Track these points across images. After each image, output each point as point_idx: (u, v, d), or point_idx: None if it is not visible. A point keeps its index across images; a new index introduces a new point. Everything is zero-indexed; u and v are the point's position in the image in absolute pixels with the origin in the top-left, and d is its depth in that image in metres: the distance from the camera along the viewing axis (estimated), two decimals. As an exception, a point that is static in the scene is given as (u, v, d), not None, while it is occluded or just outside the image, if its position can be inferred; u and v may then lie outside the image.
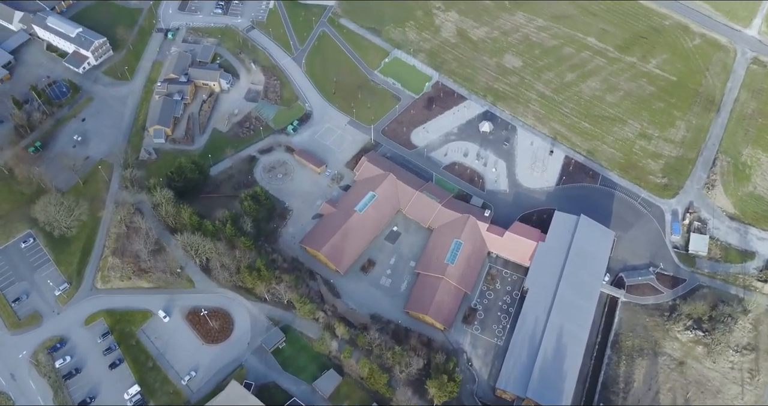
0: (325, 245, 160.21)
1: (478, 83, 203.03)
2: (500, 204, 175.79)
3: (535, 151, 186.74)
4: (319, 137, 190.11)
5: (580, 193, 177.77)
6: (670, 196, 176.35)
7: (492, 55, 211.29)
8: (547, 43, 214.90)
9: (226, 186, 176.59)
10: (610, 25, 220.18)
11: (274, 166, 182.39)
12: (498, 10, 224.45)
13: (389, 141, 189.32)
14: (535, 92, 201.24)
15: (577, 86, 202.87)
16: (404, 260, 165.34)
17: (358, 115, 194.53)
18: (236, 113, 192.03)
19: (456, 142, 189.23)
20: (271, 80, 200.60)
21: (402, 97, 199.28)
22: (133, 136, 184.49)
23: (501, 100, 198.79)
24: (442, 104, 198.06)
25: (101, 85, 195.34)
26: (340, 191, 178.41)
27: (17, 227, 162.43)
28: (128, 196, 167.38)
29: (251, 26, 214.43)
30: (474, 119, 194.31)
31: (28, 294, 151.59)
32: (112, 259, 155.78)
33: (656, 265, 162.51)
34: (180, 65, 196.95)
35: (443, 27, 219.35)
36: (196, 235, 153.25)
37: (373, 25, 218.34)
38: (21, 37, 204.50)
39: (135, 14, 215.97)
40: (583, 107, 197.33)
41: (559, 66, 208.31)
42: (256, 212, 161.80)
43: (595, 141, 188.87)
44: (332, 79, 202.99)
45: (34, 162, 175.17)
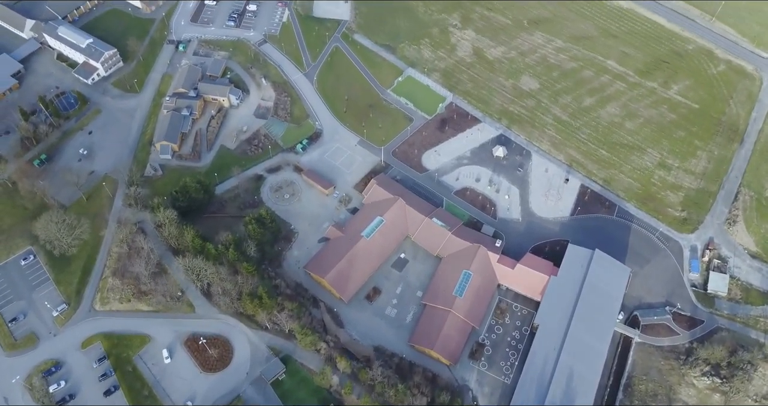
0: (329, 271, 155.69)
1: (493, 105, 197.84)
2: (512, 233, 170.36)
3: (549, 179, 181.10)
4: (329, 157, 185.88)
5: (596, 224, 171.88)
6: (689, 231, 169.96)
7: (508, 76, 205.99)
8: (565, 66, 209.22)
9: (232, 206, 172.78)
10: (631, 48, 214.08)
11: (282, 186, 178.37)
12: (516, 30, 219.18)
13: (400, 163, 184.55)
14: (552, 116, 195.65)
15: (596, 111, 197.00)
16: (411, 289, 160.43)
17: (369, 135, 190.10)
18: (245, 130, 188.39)
19: (468, 167, 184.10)
20: (282, 96, 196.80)
21: (414, 118, 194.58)
22: (140, 151, 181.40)
23: (516, 124, 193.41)
24: (456, 126, 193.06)
25: (110, 97, 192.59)
26: (347, 214, 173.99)
27: (18, 243, 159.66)
28: (131, 215, 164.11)
29: (263, 40, 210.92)
30: (488, 143, 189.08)
31: (25, 314, 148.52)
32: (112, 280, 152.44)
33: (673, 304, 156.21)
34: (190, 79, 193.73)
35: (459, 45, 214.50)
36: (198, 258, 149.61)
37: (387, 41, 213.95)
38: (32, 45, 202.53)
39: (147, 25, 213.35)
40: (600, 134, 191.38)
41: (577, 90, 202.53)
42: (261, 235, 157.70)
43: (612, 170, 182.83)
44: (344, 97, 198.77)
45: (39, 175, 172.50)
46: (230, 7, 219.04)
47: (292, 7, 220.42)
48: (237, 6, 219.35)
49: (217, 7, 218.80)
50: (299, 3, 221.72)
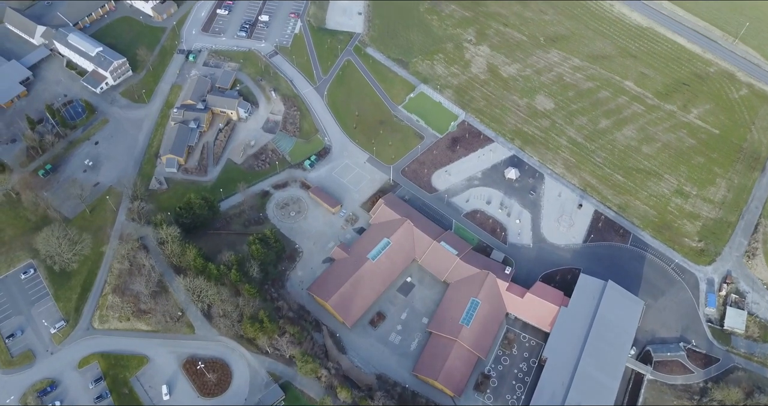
0: (333, 295, 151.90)
1: (506, 125, 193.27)
2: (522, 259, 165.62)
3: (562, 204, 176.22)
4: (337, 174, 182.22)
5: (609, 252, 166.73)
6: (706, 262, 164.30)
7: (523, 94, 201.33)
8: (581, 85, 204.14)
9: (237, 222, 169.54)
10: (650, 69, 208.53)
11: (288, 203, 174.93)
12: (532, 47, 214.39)
13: (409, 183, 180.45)
14: (566, 138, 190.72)
15: (612, 134, 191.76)
16: (416, 316, 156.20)
17: (379, 152, 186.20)
18: (252, 145, 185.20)
19: (479, 188, 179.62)
20: (291, 110, 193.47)
21: (425, 136, 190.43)
22: (145, 163, 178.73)
23: (529, 145, 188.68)
24: (467, 146, 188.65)
25: (118, 107, 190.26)
26: (354, 234, 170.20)
27: (19, 256, 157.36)
28: (134, 230, 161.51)
29: (274, 52, 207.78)
30: (500, 164, 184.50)
31: (23, 330, 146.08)
32: (112, 297, 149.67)
33: (687, 340, 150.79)
34: (198, 91, 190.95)
35: (473, 62, 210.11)
36: (199, 278, 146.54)
37: (400, 56, 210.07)
38: (42, 52, 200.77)
39: (158, 33, 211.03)
40: (616, 158, 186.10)
41: (593, 111, 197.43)
42: (264, 255, 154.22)
43: (627, 196, 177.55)
44: (354, 113, 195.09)
45: (43, 186, 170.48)
46: (242, 17, 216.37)
47: (304, 19, 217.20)
48: (249, 16, 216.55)
49: (229, 16, 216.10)
50: (312, 14, 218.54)
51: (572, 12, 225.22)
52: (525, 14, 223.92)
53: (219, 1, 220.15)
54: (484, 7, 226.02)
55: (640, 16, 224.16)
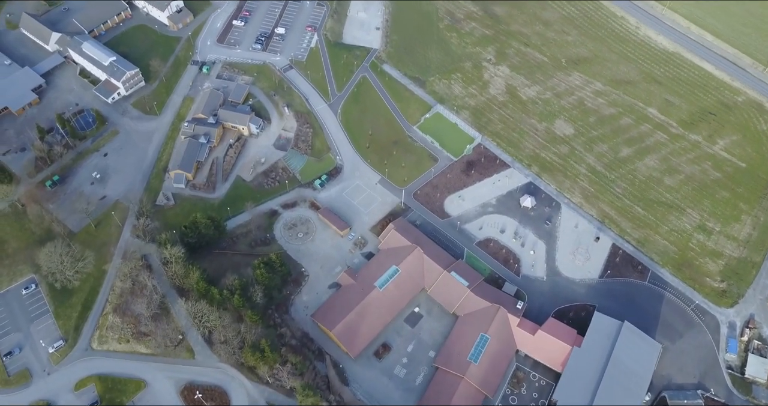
0: (337, 324, 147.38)
1: (523, 150, 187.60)
2: (535, 293, 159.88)
3: (579, 235, 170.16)
4: (347, 195, 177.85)
5: (626, 289, 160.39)
6: (728, 304, 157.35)
7: (542, 118, 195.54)
8: (603, 111, 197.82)
9: (243, 242, 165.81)
10: (675, 97, 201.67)
11: (296, 224, 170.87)
12: (553, 69, 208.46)
13: (420, 207, 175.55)
14: (586, 166, 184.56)
15: (633, 163, 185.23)
16: (423, 348, 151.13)
17: (391, 174, 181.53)
18: (263, 162, 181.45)
19: (493, 216, 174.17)
20: (304, 128, 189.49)
21: (439, 158, 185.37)
22: (153, 177, 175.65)
23: (547, 172, 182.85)
24: (482, 171, 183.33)
25: (128, 118, 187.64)
26: (361, 259, 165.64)
27: (21, 270, 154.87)
28: (139, 247, 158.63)
29: (289, 66, 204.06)
30: (515, 191, 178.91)
31: (21, 348, 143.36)
32: (112, 317, 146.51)
33: (706, 387, 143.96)
34: (210, 104, 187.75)
35: (492, 82, 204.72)
36: (201, 302, 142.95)
37: (417, 74, 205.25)
38: (55, 59, 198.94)
39: (173, 43, 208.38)
40: (637, 189, 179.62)
41: (614, 138, 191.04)
42: (269, 279, 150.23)
43: (647, 230, 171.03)
44: (368, 132, 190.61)
45: (50, 198, 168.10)
46: (258, 29, 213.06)
47: (321, 33, 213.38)
48: (265, 28, 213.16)
49: (244, 28, 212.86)
50: (329, 28, 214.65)
51: (596, 34, 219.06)
52: (547, 34, 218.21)
53: (235, 12, 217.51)
54: (505, 26, 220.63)
55: (666, 41, 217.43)
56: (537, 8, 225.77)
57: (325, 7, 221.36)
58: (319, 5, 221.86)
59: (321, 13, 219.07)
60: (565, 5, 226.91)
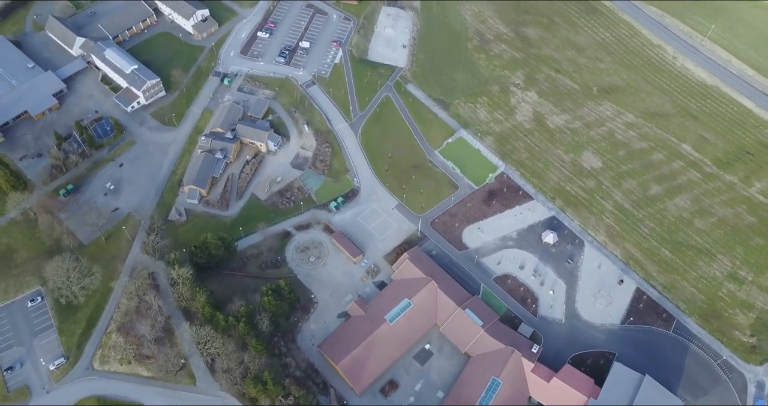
0: (344, 357, 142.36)
1: (548, 182, 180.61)
2: (552, 336, 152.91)
3: (601, 277, 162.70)
4: (363, 219, 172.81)
5: (648, 338, 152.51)
6: (757, 362, 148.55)
7: (569, 149, 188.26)
8: (634, 145, 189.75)
9: (253, 264, 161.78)
10: (711, 133, 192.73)
11: (308, 247, 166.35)
12: (583, 97, 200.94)
13: (438, 236, 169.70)
14: (612, 202, 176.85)
15: (663, 202, 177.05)
16: (432, 388, 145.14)
17: (409, 200, 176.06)
18: (279, 181, 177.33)
19: (513, 250, 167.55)
20: (323, 147, 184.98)
21: (460, 186, 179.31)
22: (167, 191, 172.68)
23: (571, 206, 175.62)
24: (504, 201, 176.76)
25: (146, 129, 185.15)
26: (373, 288, 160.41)
27: (29, 281, 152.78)
28: (148, 263, 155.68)
29: (312, 81, 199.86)
30: (537, 225, 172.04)
31: (22, 363, 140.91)
32: (116, 336, 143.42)
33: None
34: (229, 119, 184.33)
35: (519, 108, 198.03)
36: (206, 328, 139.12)
37: (442, 95, 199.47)
38: (78, 64, 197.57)
39: (196, 52, 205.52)
40: (665, 230, 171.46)
41: (644, 174, 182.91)
42: (277, 307, 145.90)
43: (674, 275, 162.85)
44: (387, 154, 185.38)
45: (62, 207, 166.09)
46: (282, 42, 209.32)
47: (346, 48, 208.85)
48: (290, 42, 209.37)
49: (269, 40, 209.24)
50: (355, 44, 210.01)
51: (631, 62, 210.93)
52: (579, 60, 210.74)
53: (261, 23, 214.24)
54: (536, 50, 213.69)
55: (704, 73, 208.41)
56: (570, 33, 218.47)
57: (352, 21, 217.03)
58: (346, 20, 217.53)
59: (347, 28, 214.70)
60: (599, 30, 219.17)
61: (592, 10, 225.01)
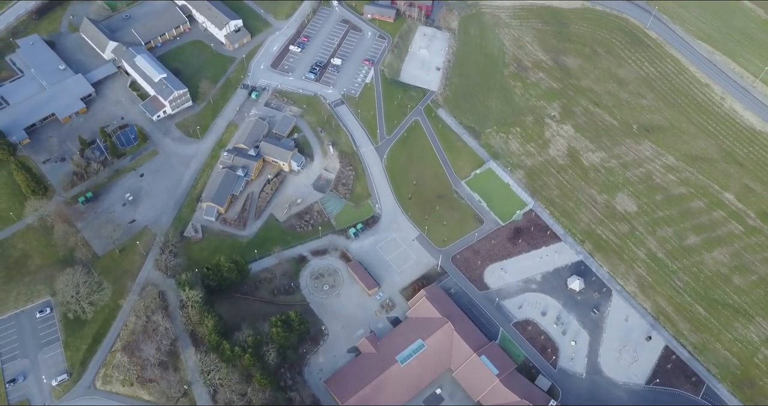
0: (351, 397, 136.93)
1: (578, 223, 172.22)
2: (570, 391, 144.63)
3: (628, 331, 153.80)
4: (381, 249, 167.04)
5: (674, 402, 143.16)
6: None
7: (603, 189, 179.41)
8: (672, 189, 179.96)
9: (266, 289, 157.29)
10: (757, 183, 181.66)
11: (323, 275, 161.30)
12: (622, 135, 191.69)
13: (458, 273, 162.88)
14: (645, 250, 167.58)
15: (700, 254, 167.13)
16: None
17: (431, 231, 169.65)
18: (299, 203, 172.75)
19: (536, 294, 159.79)
20: (346, 170, 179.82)
21: (485, 220, 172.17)
22: (185, 206, 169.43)
23: (601, 251, 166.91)
24: (530, 241, 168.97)
25: (170, 139, 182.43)
26: (386, 324, 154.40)
27: (40, 291, 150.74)
28: (160, 280, 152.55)
29: (341, 101, 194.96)
30: (563, 269, 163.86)
31: (25, 376, 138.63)
32: (120, 355, 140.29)
33: None
34: (254, 134, 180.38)
35: (553, 142, 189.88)
36: (211, 355, 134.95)
37: (473, 123, 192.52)
38: (109, 69, 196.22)
39: (226, 63, 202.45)
40: (701, 285, 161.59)
41: (681, 222, 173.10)
42: (285, 339, 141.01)
43: (707, 335, 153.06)
44: (412, 181, 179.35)
45: (80, 215, 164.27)
46: (314, 57, 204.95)
47: (378, 68, 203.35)
48: (321, 57, 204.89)
49: (301, 55, 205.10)
50: (387, 64, 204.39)
51: (675, 100, 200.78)
52: (620, 95, 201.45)
53: (294, 37, 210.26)
54: (575, 80, 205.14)
55: (754, 117, 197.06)
56: (613, 64, 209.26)
57: (387, 40, 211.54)
58: (381, 38, 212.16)
59: (381, 47, 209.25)
60: (644, 64, 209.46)
61: (637, 41, 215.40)
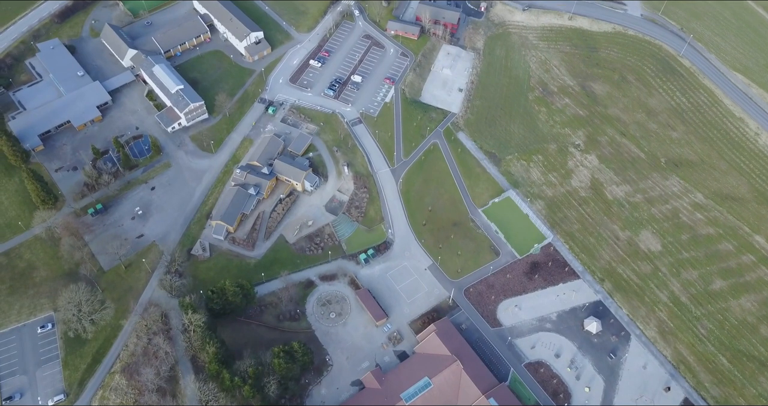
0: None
1: (598, 260, 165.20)
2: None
3: (646, 379, 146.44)
4: (392, 277, 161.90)
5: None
6: None
7: (626, 225, 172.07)
8: (700, 229, 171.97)
9: (271, 313, 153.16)
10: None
11: (330, 301, 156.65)
12: (649, 168, 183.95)
13: (470, 308, 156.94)
14: (668, 293, 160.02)
15: (726, 301, 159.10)
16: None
17: (444, 261, 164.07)
18: (310, 224, 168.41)
19: (550, 334, 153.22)
20: (360, 192, 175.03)
21: (501, 253, 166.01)
22: (194, 223, 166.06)
23: (621, 292, 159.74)
24: (547, 276, 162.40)
25: (184, 152, 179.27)
26: (393, 358, 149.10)
27: (42, 305, 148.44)
28: (164, 299, 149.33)
29: (359, 120, 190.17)
30: (580, 309, 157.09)
31: (22, 394, 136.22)
32: (119, 377, 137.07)
33: None
34: (268, 152, 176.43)
35: (576, 172, 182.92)
36: (210, 384, 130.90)
37: (494, 149, 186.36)
38: (126, 77, 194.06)
39: (245, 75, 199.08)
40: (726, 334, 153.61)
41: (708, 265, 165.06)
42: (288, 370, 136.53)
43: (730, 389, 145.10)
44: (427, 207, 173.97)
45: (89, 227, 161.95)
46: (334, 73, 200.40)
47: (399, 87, 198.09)
48: (341, 74, 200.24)
49: (320, 70, 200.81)
50: (408, 83, 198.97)
51: (706, 134, 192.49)
52: (649, 126, 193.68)
53: (315, 51, 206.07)
54: (602, 108, 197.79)
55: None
56: (642, 93, 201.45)
57: (409, 58, 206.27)
58: (403, 55, 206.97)
59: (403, 65, 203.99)
60: (675, 94, 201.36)
61: (670, 70, 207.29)
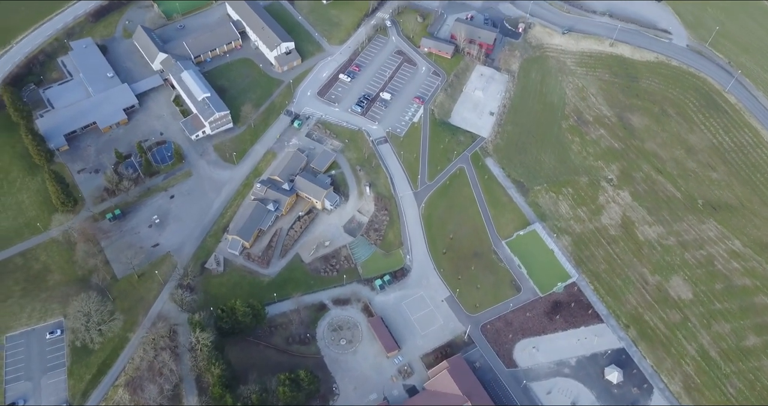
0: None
1: (624, 304, 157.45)
2: None
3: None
4: (407, 306, 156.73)
5: None
6: None
7: (656, 269, 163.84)
8: (735, 280, 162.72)
9: (281, 335, 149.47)
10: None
11: (342, 327, 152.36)
12: (685, 209, 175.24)
13: (486, 345, 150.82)
14: (697, 346, 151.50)
15: (759, 359, 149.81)
16: None
17: (463, 294, 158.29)
18: (327, 245, 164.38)
19: (568, 380, 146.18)
20: (381, 214, 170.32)
21: (523, 289, 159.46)
22: (211, 236, 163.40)
23: (646, 340, 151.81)
24: (569, 318, 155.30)
25: (205, 162, 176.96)
26: (402, 392, 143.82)
27: (53, 310, 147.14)
28: (174, 313, 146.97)
29: (384, 139, 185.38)
30: (602, 356, 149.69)
31: (26, 400, 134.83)
32: (122, 391, 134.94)
33: None
34: (290, 168, 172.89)
35: (607, 208, 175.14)
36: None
37: (522, 177, 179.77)
38: (155, 80, 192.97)
39: (273, 85, 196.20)
40: (756, 395, 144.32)
41: (742, 319, 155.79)
42: (292, 399, 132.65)
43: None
44: (449, 235, 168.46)
45: (106, 232, 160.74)
46: (363, 89, 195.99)
47: (428, 107, 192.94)
48: (370, 90, 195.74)
49: (350, 84, 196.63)
50: (438, 103, 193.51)
51: (749, 176, 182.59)
52: (687, 164, 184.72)
53: (345, 64, 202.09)
54: (639, 142, 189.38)
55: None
56: (683, 128, 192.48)
57: (441, 77, 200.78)
58: (435, 74, 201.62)
59: (434, 84, 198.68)
60: (718, 132, 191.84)
61: (713, 105, 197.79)
